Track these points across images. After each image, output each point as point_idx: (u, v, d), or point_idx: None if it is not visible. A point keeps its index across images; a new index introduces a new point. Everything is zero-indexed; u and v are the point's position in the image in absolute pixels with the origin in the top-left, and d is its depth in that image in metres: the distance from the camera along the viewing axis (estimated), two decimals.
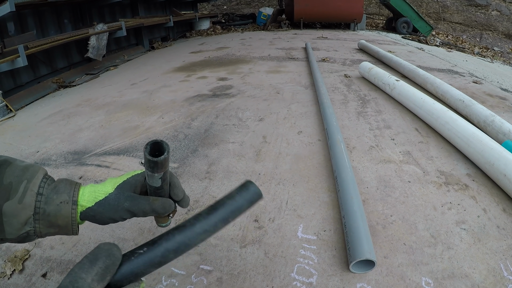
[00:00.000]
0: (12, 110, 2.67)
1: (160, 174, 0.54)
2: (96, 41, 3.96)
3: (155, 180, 0.55)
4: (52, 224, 0.54)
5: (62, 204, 0.54)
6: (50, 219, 0.53)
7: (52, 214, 0.53)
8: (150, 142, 0.50)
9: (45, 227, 0.54)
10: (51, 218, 0.53)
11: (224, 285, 0.93)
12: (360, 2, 7.98)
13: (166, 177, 0.57)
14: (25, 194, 0.52)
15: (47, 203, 0.53)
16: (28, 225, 0.52)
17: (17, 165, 0.56)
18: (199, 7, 10.52)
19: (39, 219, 0.53)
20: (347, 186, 1.20)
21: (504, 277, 0.92)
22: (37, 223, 0.53)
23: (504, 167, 1.26)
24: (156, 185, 0.57)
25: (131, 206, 0.57)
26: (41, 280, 0.97)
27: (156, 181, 0.56)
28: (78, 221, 0.57)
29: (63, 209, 0.54)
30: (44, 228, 0.54)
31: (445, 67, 3.75)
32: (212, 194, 1.34)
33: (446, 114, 1.72)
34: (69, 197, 0.55)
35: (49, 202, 0.53)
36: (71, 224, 0.55)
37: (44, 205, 0.53)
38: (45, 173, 0.58)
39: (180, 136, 1.89)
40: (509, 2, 11.40)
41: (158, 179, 0.55)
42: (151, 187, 0.58)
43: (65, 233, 0.56)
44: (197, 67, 3.78)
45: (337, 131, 1.66)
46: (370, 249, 0.92)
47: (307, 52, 4.30)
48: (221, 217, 0.47)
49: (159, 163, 0.51)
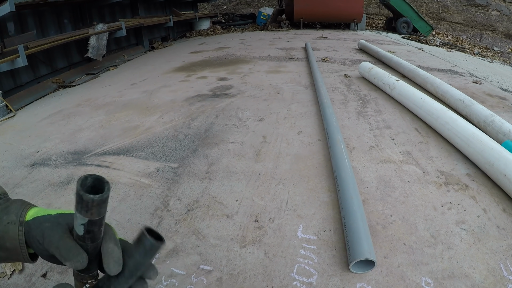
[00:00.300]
0: (12, 110, 2.67)
1: (84, 220, 0.42)
2: (96, 41, 3.96)
3: (78, 224, 0.43)
4: (0, 247, 0.50)
5: (9, 224, 0.49)
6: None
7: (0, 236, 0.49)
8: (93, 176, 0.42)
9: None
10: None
11: (224, 285, 0.93)
12: (360, 2, 7.98)
13: (93, 230, 0.44)
14: None
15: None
16: None
17: None
18: (199, 7, 10.53)
19: None
20: (347, 186, 1.20)
21: (504, 277, 0.92)
22: None
23: (504, 167, 1.26)
24: (79, 232, 0.44)
25: (46, 228, 0.49)
26: (41, 280, 0.97)
27: (78, 227, 0.43)
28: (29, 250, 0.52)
29: (10, 230, 0.49)
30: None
31: (445, 67, 3.75)
32: (212, 194, 1.34)
33: (446, 114, 1.72)
34: (17, 217, 0.50)
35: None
36: (20, 247, 0.50)
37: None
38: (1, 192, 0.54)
39: (180, 136, 1.89)
40: (509, 2, 11.40)
41: (81, 226, 0.43)
42: (74, 232, 0.46)
43: (17, 259, 0.51)
44: (197, 67, 3.78)
45: (337, 131, 1.66)
46: (370, 249, 0.92)
47: (307, 52, 4.30)
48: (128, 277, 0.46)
49: (87, 202, 0.40)
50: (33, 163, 1.68)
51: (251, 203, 1.27)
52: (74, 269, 0.48)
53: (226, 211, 1.23)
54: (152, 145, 1.79)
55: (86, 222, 0.43)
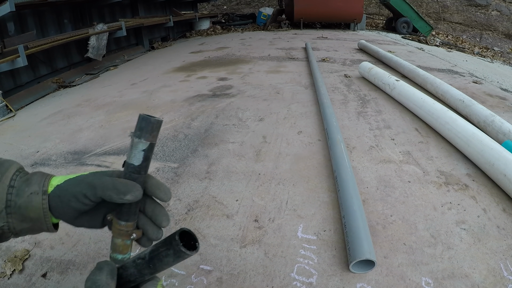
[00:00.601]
0: (12, 110, 2.67)
1: (146, 144, 0.45)
2: (96, 41, 3.96)
3: (137, 153, 0.46)
4: (24, 218, 0.52)
5: (32, 195, 0.51)
6: (21, 211, 0.51)
7: (23, 206, 0.51)
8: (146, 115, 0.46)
9: (18, 222, 0.52)
10: (22, 210, 0.51)
11: (224, 285, 0.93)
12: (360, 2, 7.98)
13: (149, 157, 0.48)
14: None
15: (18, 195, 0.51)
16: (1, 220, 0.50)
17: None
18: (199, 7, 10.53)
19: (11, 212, 0.51)
20: (347, 186, 1.20)
21: (504, 277, 0.92)
22: (10, 218, 0.51)
23: (504, 167, 1.26)
24: (136, 162, 0.47)
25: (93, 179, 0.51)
26: (41, 280, 0.97)
27: (138, 156, 0.46)
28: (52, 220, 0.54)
29: (33, 200, 0.51)
30: (18, 223, 0.52)
31: (445, 67, 3.75)
32: (212, 194, 1.34)
33: (446, 114, 1.72)
34: (39, 187, 0.52)
35: (20, 194, 0.51)
36: (44, 217, 0.52)
37: (15, 198, 0.51)
38: (18, 167, 0.55)
39: (180, 136, 1.89)
40: (509, 2, 11.40)
41: (141, 152, 0.46)
42: (128, 167, 0.48)
43: (39, 229, 0.54)
44: (197, 67, 3.78)
45: (337, 131, 1.67)
46: (370, 249, 0.92)
47: (307, 52, 4.31)
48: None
49: (153, 124, 0.44)
50: (33, 163, 1.68)
51: (251, 203, 1.27)
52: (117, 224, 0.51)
53: (226, 211, 1.23)
54: None
55: (147, 147, 0.46)
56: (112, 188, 0.49)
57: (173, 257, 0.45)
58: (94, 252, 1.06)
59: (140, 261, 0.47)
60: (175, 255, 0.45)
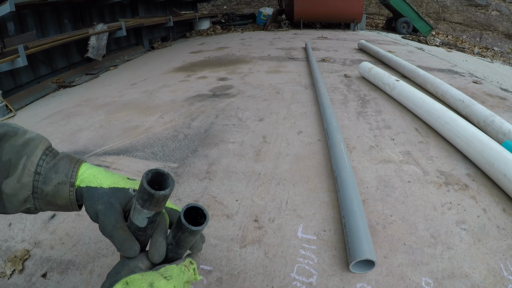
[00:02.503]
0: (12, 110, 2.67)
1: (151, 213, 0.45)
2: (96, 41, 3.96)
3: (141, 218, 0.46)
4: (51, 203, 0.53)
5: (59, 185, 0.52)
6: (48, 198, 0.53)
7: (50, 195, 0.52)
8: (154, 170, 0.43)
9: (44, 205, 0.53)
10: (49, 198, 0.52)
11: (224, 285, 0.93)
12: (360, 2, 7.98)
13: (156, 220, 0.48)
14: (23, 173, 0.51)
15: (45, 183, 0.52)
16: (28, 202, 0.52)
17: (17, 139, 0.54)
18: (199, 7, 10.52)
19: (37, 198, 0.52)
20: (347, 186, 1.20)
21: (504, 277, 0.92)
22: (37, 202, 0.53)
23: (504, 167, 1.26)
24: (140, 224, 0.47)
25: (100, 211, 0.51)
26: (41, 280, 0.97)
27: (142, 220, 0.46)
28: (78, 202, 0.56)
29: (61, 190, 0.52)
30: (44, 205, 0.53)
31: (445, 67, 3.75)
32: (212, 194, 1.34)
33: (446, 114, 1.72)
34: (67, 178, 0.53)
35: (47, 182, 0.52)
36: (71, 204, 0.54)
37: (42, 185, 0.52)
38: (46, 147, 0.55)
39: (180, 136, 1.89)
40: (509, 2, 11.40)
41: (145, 219, 0.46)
42: (132, 225, 0.48)
43: (66, 210, 0.56)
44: (197, 67, 3.78)
45: (337, 131, 1.66)
46: (370, 249, 0.92)
47: (307, 52, 4.31)
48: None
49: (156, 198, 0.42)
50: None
51: (251, 203, 1.27)
52: None
53: (226, 211, 1.23)
54: (152, 145, 1.79)
55: (152, 215, 0.46)
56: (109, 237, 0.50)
57: (191, 235, 0.48)
58: (94, 252, 1.06)
59: (171, 246, 0.51)
60: (191, 234, 0.47)
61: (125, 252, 0.49)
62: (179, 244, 0.49)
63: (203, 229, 0.47)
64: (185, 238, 0.48)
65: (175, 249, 0.51)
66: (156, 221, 0.48)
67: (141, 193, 0.42)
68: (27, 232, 1.17)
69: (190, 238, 0.49)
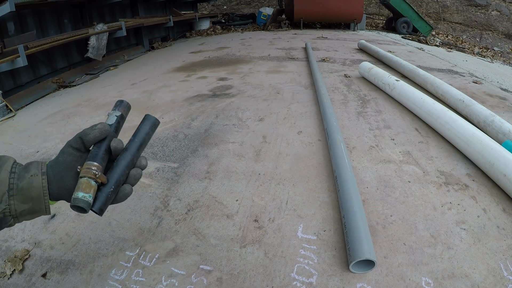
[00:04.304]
0: (12, 110, 2.67)
1: (118, 113, 0.66)
2: (96, 41, 3.96)
3: (112, 117, 0.66)
4: (25, 198, 0.58)
5: (32, 177, 0.59)
6: (23, 192, 0.58)
7: (25, 187, 0.58)
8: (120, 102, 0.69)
9: (19, 203, 0.58)
10: (24, 191, 0.58)
11: (224, 285, 0.93)
12: (360, 2, 7.98)
13: (120, 125, 0.67)
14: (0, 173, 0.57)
15: (19, 179, 0.58)
16: (3, 202, 0.57)
17: None
18: (199, 7, 10.53)
19: (13, 194, 0.58)
20: (347, 186, 1.20)
21: (504, 277, 0.92)
22: (12, 199, 0.57)
23: (504, 167, 1.26)
24: (109, 122, 0.65)
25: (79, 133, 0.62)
26: (41, 280, 0.97)
27: (112, 118, 0.66)
28: (50, 202, 0.61)
29: (34, 181, 0.59)
30: (19, 204, 0.58)
31: (445, 67, 3.75)
32: (212, 194, 1.34)
33: (446, 114, 1.72)
34: (38, 170, 0.60)
35: (21, 178, 0.59)
36: (43, 195, 0.59)
37: (17, 181, 0.58)
38: (15, 159, 0.64)
39: (180, 136, 1.89)
40: (509, 2, 11.40)
41: (114, 117, 0.66)
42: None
43: (38, 209, 0.60)
44: (197, 67, 3.78)
45: (337, 131, 1.66)
46: (370, 249, 0.92)
47: (307, 52, 4.31)
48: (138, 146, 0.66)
49: (126, 103, 0.69)
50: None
51: (251, 203, 1.27)
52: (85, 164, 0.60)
53: (226, 211, 1.23)
54: (152, 145, 1.79)
55: (119, 115, 0.67)
56: (89, 129, 0.61)
57: None
58: (94, 252, 1.06)
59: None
60: None
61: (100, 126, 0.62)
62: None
63: None
64: None
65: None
66: (120, 124, 0.67)
67: (116, 103, 0.68)
68: (27, 232, 1.17)
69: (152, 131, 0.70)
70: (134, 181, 0.65)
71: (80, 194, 0.56)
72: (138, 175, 0.65)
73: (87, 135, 0.61)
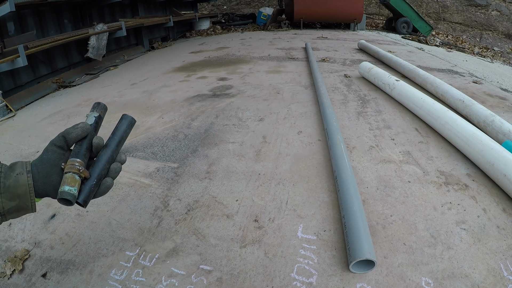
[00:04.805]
0: (12, 110, 2.67)
1: (96, 114, 0.72)
2: (96, 41, 3.96)
3: (90, 118, 0.71)
4: (13, 196, 0.62)
5: (18, 175, 0.63)
6: (10, 190, 0.61)
7: (12, 185, 0.61)
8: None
9: (6, 201, 0.61)
10: (11, 189, 0.61)
11: (224, 285, 0.93)
12: (360, 2, 7.97)
13: (98, 125, 0.73)
14: None
15: (6, 178, 0.62)
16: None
17: None
18: (199, 7, 10.53)
19: (1, 192, 0.61)
20: (347, 186, 1.20)
21: (504, 277, 0.92)
22: (0, 197, 0.61)
23: (504, 167, 1.26)
24: (89, 122, 0.70)
25: (62, 132, 0.67)
26: (41, 280, 0.97)
27: (91, 119, 0.71)
28: (36, 199, 0.64)
29: (20, 179, 0.62)
30: (6, 202, 0.61)
31: (445, 67, 3.75)
32: (212, 194, 1.34)
33: (446, 114, 1.72)
34: (23, 169, 0.64)
35: (7, 177, 0.62)
36: (29, 192, 0.63)
37: (4, 180, 0.62)
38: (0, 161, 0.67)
39: (180, 136, 1.89)
40: (509, 2, 11.40)
41: (93, 117, 0.71)
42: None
43: (25, 207, 0.64)
44: (197, 67, 3.78)
45: (337, 131, 1.66)
46: (370, 249, 0.92)
47: (307, 52, 4.31)
48: (117, 142, 0.72)
49: (103, 105, 0.75)
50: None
51: (251, 203, 1.27)
52: (69, 160, 0.64)
53: (226, 211, 1.23)
54: (152, 145, 1.79)
55: (97, 115, 0.72)
56: (71, 128, 0.66)
57: None
58: (94, 252, 1.06)
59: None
60: None
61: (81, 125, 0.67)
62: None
63: None
64: None
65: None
66: (99, 124, 0.73)
67: (94, 105, 0.74)
68: (27, 232, 1.17)
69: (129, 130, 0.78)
70: (115, 175, 0.69)
71: (66, 188, 0.60)
72: (119, 169, 0.70)
73: (69, 133, 0.65)
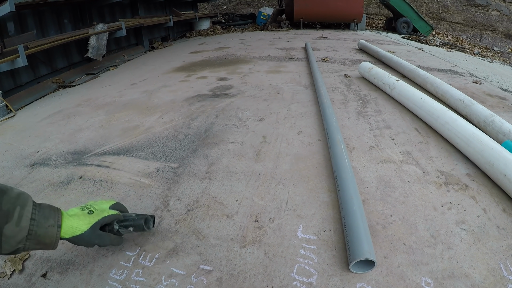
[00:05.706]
0: (12, 110, 2.67)
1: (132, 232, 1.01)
2: (96, 41, 3.96)
3: (125, 231, 0.98)
4: (39, 242, 0.73)
5: (49, 227, 0.74)
6: (39, 239, 0.72)
7: (41, 235, 0.72)
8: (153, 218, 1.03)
9: (33, 245, 0.72)
10: (40, 238, 0.72)
11: (224, 285, 0.93)
12: (360, 2, 7.97)
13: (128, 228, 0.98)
14: (21, 219, 0.69)
15: (38, 226, 0.71)
16: (21, 243, 0.70)
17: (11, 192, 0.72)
18: (199, 7, 10.52)
19: (30, 238, 0.71)
20: (347, 186, 1.20)
21: (504, 277, 0.92)
22: (28, 242, 0.70)
23: (504, 167, 1.26)
24: (121, 233, 0.98)
25: (99, 242, 0.88)
26: (41, 280, 0.97)
27: (126, 231, 0.98)
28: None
29: (49, 232, 0.74)
30: (32, 245, 0.71)
31: (445, 67, 3.75)
32: (212, 194, 1.34)
33: (446, 114, 1.72)
34: (55, 221, 0.75)
35: (40, 225, 0.71)
36: (55, 241, 0.76)
37: (36, 228, 0.71)
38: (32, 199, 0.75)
39: (180, 136, 1.89)
40: (509, 2, 11.40)
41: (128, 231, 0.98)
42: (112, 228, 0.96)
43: (46, 249, 0.76)
44: (197, 67, 3.78)
45: (337, 131, 1.66)
46: (370, 249, 0.92)
47: (307, 52, 4.31)
48: None
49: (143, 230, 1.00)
50: (33, 163, 1.68)
51: (251, 203, 1.27)
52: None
53: (226, 211, 1.23)
54: (152, 145, 1.79)
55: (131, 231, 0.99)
56: (110, 245, 0.94)
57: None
58: (94, 252, 1.06)
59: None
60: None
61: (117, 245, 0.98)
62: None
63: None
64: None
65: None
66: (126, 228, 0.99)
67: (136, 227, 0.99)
68: None
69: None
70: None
71: None
72: None
73: None
